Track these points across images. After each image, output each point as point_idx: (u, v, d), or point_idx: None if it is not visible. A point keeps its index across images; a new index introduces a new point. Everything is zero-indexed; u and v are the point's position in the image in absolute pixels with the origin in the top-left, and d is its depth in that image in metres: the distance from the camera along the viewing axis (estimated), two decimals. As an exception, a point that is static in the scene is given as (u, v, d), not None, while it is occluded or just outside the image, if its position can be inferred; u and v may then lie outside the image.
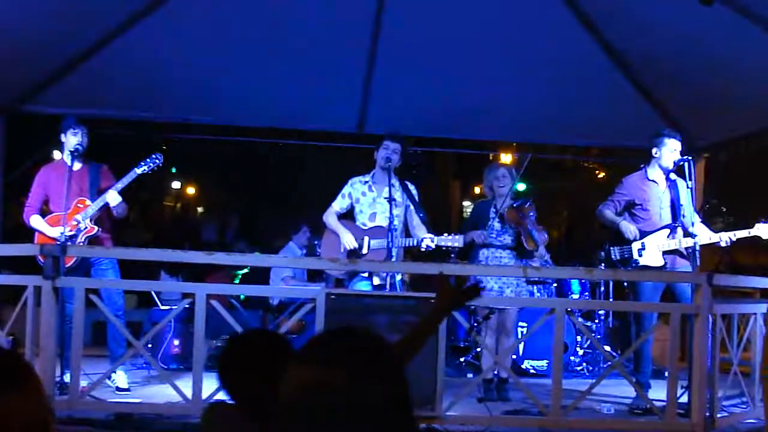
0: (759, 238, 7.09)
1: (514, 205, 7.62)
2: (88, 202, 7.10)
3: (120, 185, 7.13)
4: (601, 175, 20.25)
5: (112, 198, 7.06)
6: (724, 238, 7.12)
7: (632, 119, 9.07)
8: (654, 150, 7.39)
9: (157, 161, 7.27)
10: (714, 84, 7.79)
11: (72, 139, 7.20)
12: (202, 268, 9.92)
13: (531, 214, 7.64)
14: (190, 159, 17.37)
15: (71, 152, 7.10)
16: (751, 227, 7.10)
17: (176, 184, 22.27)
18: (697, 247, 7.01)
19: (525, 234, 7.57)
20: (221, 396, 5.62)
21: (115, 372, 6.63)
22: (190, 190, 22.68)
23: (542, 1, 7.63)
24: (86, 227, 7.02)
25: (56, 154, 8.22)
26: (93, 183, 7.24)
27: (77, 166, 7.23)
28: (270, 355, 2.70)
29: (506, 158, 15.49)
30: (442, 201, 22.12)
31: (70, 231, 6.91)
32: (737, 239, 7.21)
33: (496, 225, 7.68)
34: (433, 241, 7.02)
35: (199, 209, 23.43)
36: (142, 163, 7.25)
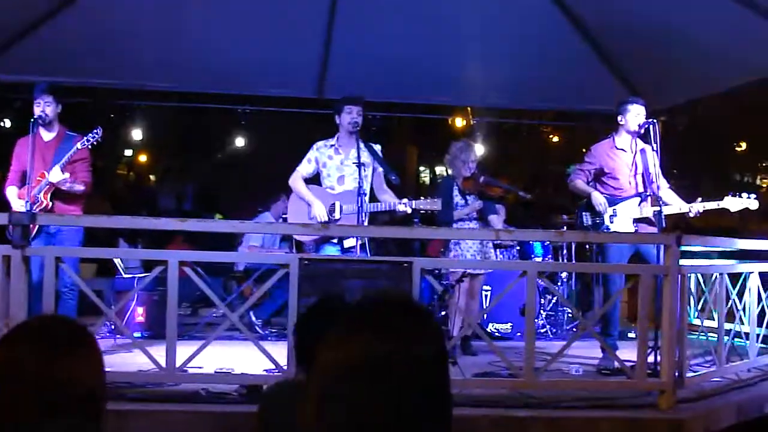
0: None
1: (466, 176, 7.75)
2: (47, 176, 7.02)
3: (61, 162, 7.01)
4: (556, 139, 20.37)
5: (54, 176, 6.96)
6: (695, 208, 7.20)
7: (590, 83, 9.15)
8: (619, 117, 7.43)
9: (96, 135, 7.15)
10: (671, 50, 7.87)
11: (35, 110, 7.12)
12: (162, 236, 9.84)
13: (481, 177, 7.78)
14: (143, 126, 17.15)
15: (36, 122, 7.03)
16: (720, 199, 7.18)
17: (128, 152, 21.97)
18: (662, 209, 7.08)
19: (489, 186, 7.75)
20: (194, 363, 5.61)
21: None
22: (143, 158, 22.37)
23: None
24: (38, 201, 6.97)
25: (7, 123, 8.10)
26: (59, 155, 7.10)
27: (48, 136, 7.20)
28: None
29: (462, 122, 15.54)
30: (400, 166, 22.10)
31: (30, 203, 6.86)
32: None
33: (460, 201, 7.88)
34: (407, 206, 7.01)
35: (152, 177, 23.17)
36: (85, 139, 7.14)
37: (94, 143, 7.18)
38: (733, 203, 7.12)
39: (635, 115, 7.34)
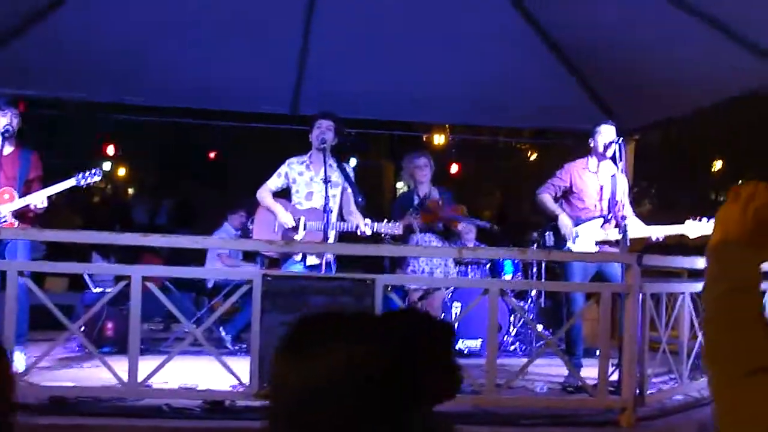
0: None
1: (423, 206, 7.76)
2: (15, 195, 6.91)
3: (51, 191, 6.97)
4: (533, 156, 20.47)
5: (39, 201, 6.89)
6: (655, 233, 7.25)
7: (564, 102, 9.20)
8: (590, 140, 7.50)
9: (96, 176, 7.12)
10: (644, 68, 7.93)
11: (0, 121, 6.96)
12: (134, 250, 9.84)
13: (445, 206, 7.83)
14: (121, 140, 17.13)
15: (1, 134, 6.87)
16: (681, 222, 7.18)
17: (106, 166, 21.91)
18: (626, 229, 7.13)
19: (447, 221, 7.77)
20: (160, 378, 5.63)
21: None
22: (121, 172, 22.33)
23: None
24: (5, 221, 6.83)
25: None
26: (22, 172, 7.04)
27: (8, 150, 7.04)
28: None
29: (439, 139, 15.61)
30: (376, 182, 22.16)
31: None
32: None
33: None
34: (369, 227, 7.04)
35: (130, 191, 23.13)
36: (81, 176, 7.07)
37: (91, 183, 7.16)
38: (692, 229, 7.04)
39: (604, 136, 7.40)
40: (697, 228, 7.00)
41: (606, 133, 7.40)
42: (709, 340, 1.42)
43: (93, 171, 7.13)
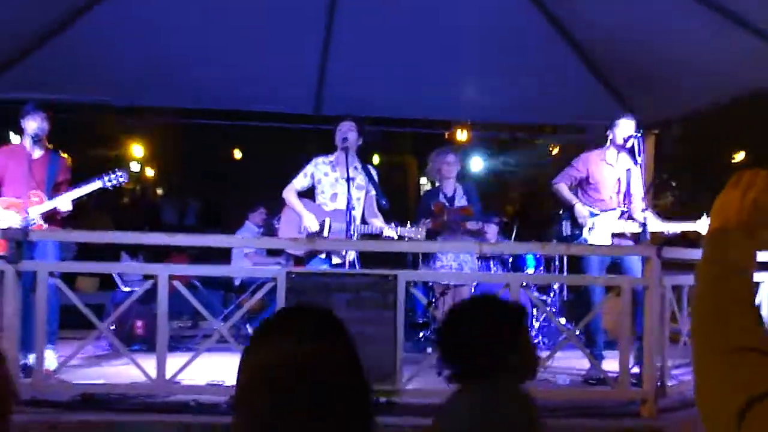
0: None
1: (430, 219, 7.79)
2: (44, 198, 6.97)
3: (77, 194, 7.01)
4: (555, 151, 20.37)
5: (64, 204, 6.94)
6: (670, 229, 7.24)
7: (583, 98, 9.17)
8: (608, 132, 7.50)
9: (121, 179, 7.14)
10: (663, 63, 7.89)
11: (31, 125, 7.02)
12: (163, 250, 9.90)
13: (454, 216, 7.83)
14: (149, 142, 17.26)
15: (31, 138, 6.98)
16: (698, 218, 7.17)
17: (135, 167, 22.07)
18: (646, 221, 7.13)
19: (454, 223, 7.77)
20: (187, 375, 5.69)
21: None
22: (150, 173, 22.47)
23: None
24: (35, 223, 6.84)
25: (13, 138, 8.14)
26: (51, 175, 7.10)
27: (38, 153, 7.12)
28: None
29: (462, 135, 15.56)
30: (401, 179, 22.19)
31: (22, 222, 6.74)
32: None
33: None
34: (393, 229, 7.16)
35: (159, 191, 23.26)
36: (107, 178, 7.10)
37: (116, 185, 7.17)
38: (706, 226, 7.02)
39: (623, 129, 7.39)
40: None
41: (624, 126, 7.39)
42: (698, 315, 1.44)
43: (119, 173, 7.15)
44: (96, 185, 7.08)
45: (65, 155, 7.34)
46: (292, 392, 1.46)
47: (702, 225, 7.07)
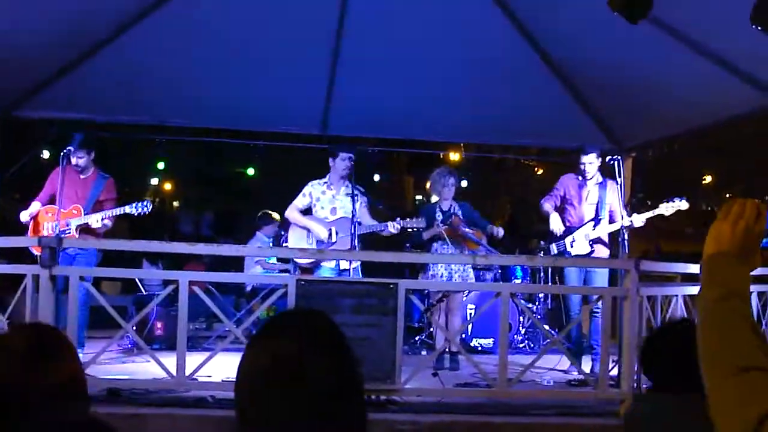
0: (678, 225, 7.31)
1: (447, 222, 7.84)
2: (82, 212, 7.37)
3: (104, 215, 7.34)
4: (540, 171, 20.46)
5: (94, 221, 7.30)
6: (637, 220, 7.37)
7: (567, 122, 9.22)
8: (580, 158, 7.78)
9: (146, 208, 7.40)
10: (640, 90, 7.95)
11: (73, 159, 7.48)
12: (180, 257, 9.94)
13: (461, 225, 7.88)
14: (168, 158, 17.31)
15: (67, 156, 7.37)
16: (656, 207, 7.50)
17: (154, 181, 22.14)
18: (626, 236, 7.27)
19: (465, 240, 7.85)
20: (204, 372, 5.72)
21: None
22: (168, 186, 22.54)
23: (487, 15, 7.74)
24: (69, 232, 7.25)
25: (46, 155, 8.25)
26: (93, 194, 7.53)
27: (86, 174, 7.63)
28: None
29: (454, 156, 15.63)
30: (399, 195, 22.24)
31: (60, 229, 7.13)
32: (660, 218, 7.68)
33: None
34: (397, 222, 7.42)
35: (175, 204, 23.31)
36: (135, 206, 7.38)
37: (142, 214, 7.43)
38: (667, 208, 7.40)
39: (588, 162, 7.72)
40: (671, 207, 7.37)
41: (588, 160, 7.72)
42: (703, 341, 1.46)
43: (145, 202, 7.47)
44: (126, 209, 7.39)
45: (109, 177, 7.76)
46: (288, 392, 1.46)
47: (663, 209, 7.41)
